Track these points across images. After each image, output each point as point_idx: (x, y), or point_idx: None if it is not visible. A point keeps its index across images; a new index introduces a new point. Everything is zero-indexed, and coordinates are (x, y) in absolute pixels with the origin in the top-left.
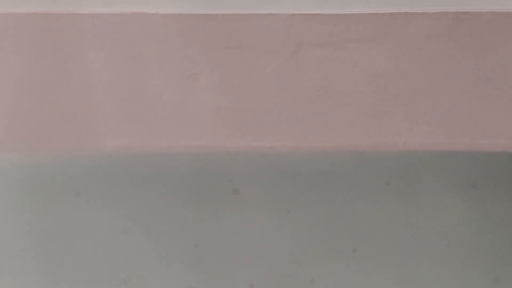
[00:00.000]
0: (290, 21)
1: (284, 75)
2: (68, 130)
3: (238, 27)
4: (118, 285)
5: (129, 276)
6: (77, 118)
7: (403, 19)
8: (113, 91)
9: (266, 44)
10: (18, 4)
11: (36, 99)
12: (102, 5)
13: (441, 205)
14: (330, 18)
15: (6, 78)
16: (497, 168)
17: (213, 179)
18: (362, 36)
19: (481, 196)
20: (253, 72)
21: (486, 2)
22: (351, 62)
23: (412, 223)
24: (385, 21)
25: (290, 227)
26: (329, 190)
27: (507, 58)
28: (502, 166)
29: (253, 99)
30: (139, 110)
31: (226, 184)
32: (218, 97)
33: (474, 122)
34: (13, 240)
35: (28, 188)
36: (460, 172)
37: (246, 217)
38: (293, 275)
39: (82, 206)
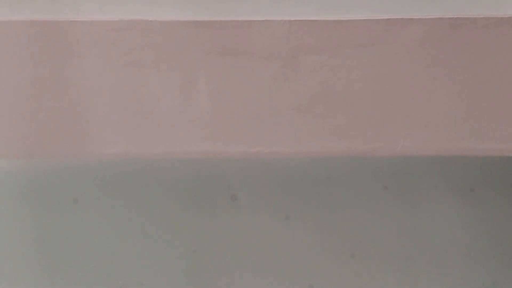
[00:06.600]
0: (287, 28)
1: (282, 81)
2: (66, 136)
3: (236, 34)
4: None
5: (127, 283)
6: (75, 125)
7: (399, 25)
8: (110, 97)
9: (263, 50)
10: (16, 11)
11: (34, 105)
12: (100, 12)
13: (439, 210)
14: (327, 24)
15: (3, 85)
16: (495, 172)
17: (211, 185)
18: (358, 42)
19: (479, 201)
20: (250, 78)
21: (482, 8)
22: (348, 67)
23: (410, 228)
24: (382, 27)
25: (289, 233)
26: (327, 195)
27: (504, 63)
28: (500, 170)
29: (250, 105)
30: (137, 117)
31: (224, 190)
32: (215, 103)
33: (471, 127)
34: (11, 247)
35: (26, 194)
36: (457, 177)
37: (244, 223)
38: (292, 281)
39: (79, 213)
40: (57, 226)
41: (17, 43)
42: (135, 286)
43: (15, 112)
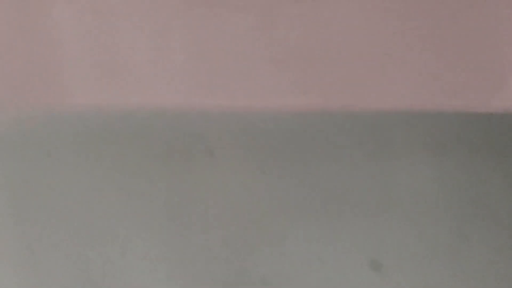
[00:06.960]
0: None
1: (258, 33)
2: (36, 88)
3: None
4: (90, 246)
5: (102, 236)
6: (46, 76)
7: None
8: (82, 47)
9: (239, 2)
10: None
11: (2, 56)
12: None
13: (411, 165)
14: None
15: None
16: (467, 128)
17: (187, 139)
18: None
19: (451, 156)
20: (226, 30)
21: None
22: (326, 20)
23: (383, 182)
24: None
25: (265, 187)
26: (303, 150)
27: (479, 20)
28: (472, 126)
29: (226, 57)
30: (110, 68)
31: (200, 144)
32: (190, 55)
33: (445, 83)
34: None
35: None
36: (430, 132)
37: (220, 177)
38: (266, 233)
39: (53, 166)
40: (30, 180)
41: None
42: (110, 239)
43: None
